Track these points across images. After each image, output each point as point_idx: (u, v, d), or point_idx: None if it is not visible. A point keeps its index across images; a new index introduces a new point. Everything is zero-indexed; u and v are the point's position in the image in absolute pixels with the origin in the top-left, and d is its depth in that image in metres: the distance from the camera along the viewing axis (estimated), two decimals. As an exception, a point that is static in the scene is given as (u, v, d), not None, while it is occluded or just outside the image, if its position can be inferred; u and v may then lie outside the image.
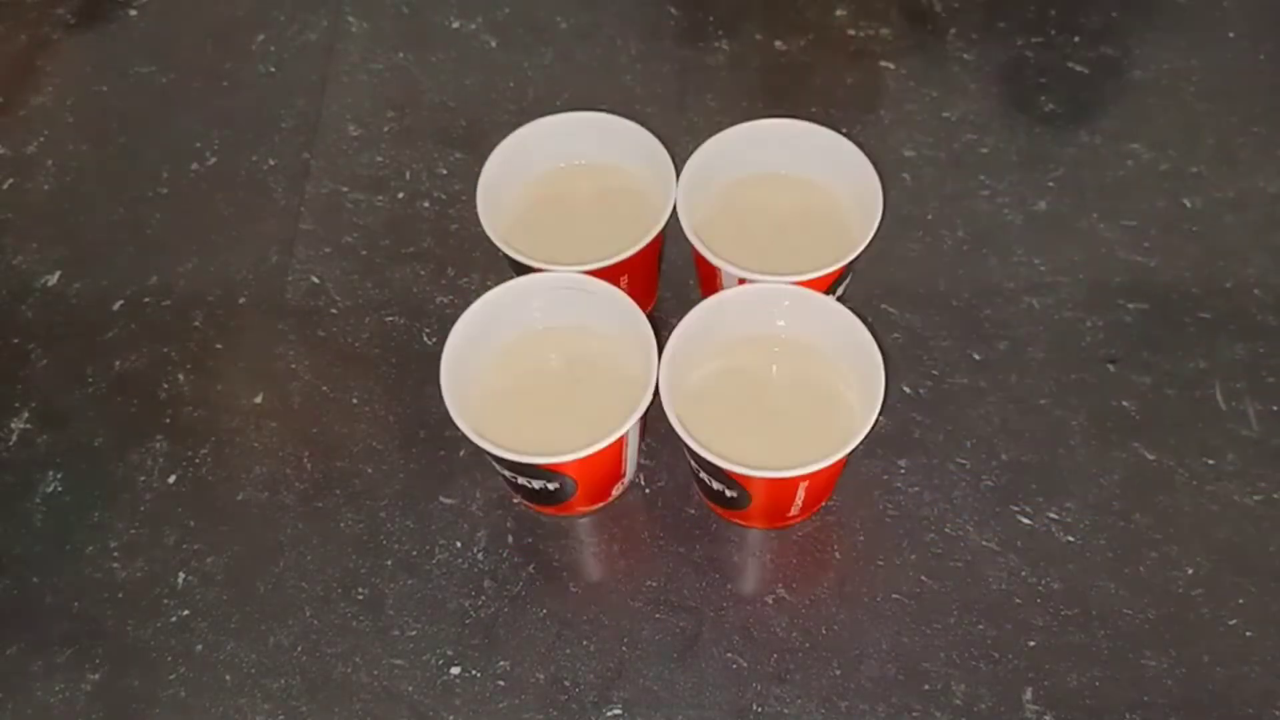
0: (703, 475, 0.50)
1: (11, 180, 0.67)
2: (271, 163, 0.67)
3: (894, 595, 0.51)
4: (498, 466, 0.50)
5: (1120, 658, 0.49)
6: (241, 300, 0.61)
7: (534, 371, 0.53)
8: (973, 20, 0.70)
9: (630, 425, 0.48)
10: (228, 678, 0.51)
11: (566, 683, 0.50)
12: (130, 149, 0.68)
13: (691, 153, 0.55)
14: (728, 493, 0.50)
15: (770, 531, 0.53)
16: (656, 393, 0.48)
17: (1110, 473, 0.54)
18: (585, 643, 0.51)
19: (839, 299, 0.55)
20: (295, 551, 0.53)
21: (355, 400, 0.58)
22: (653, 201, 0.56)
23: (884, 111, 0.66)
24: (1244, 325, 0.57)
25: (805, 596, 0.51)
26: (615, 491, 0.54)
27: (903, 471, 0.54)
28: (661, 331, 0.50)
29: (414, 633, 0.51)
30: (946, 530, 0.52)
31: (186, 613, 0.52)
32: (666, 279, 0.61)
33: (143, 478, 0.56)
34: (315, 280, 0.62)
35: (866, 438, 0.47)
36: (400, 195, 0.65)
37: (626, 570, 0.52)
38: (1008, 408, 0.56)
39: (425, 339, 0.59)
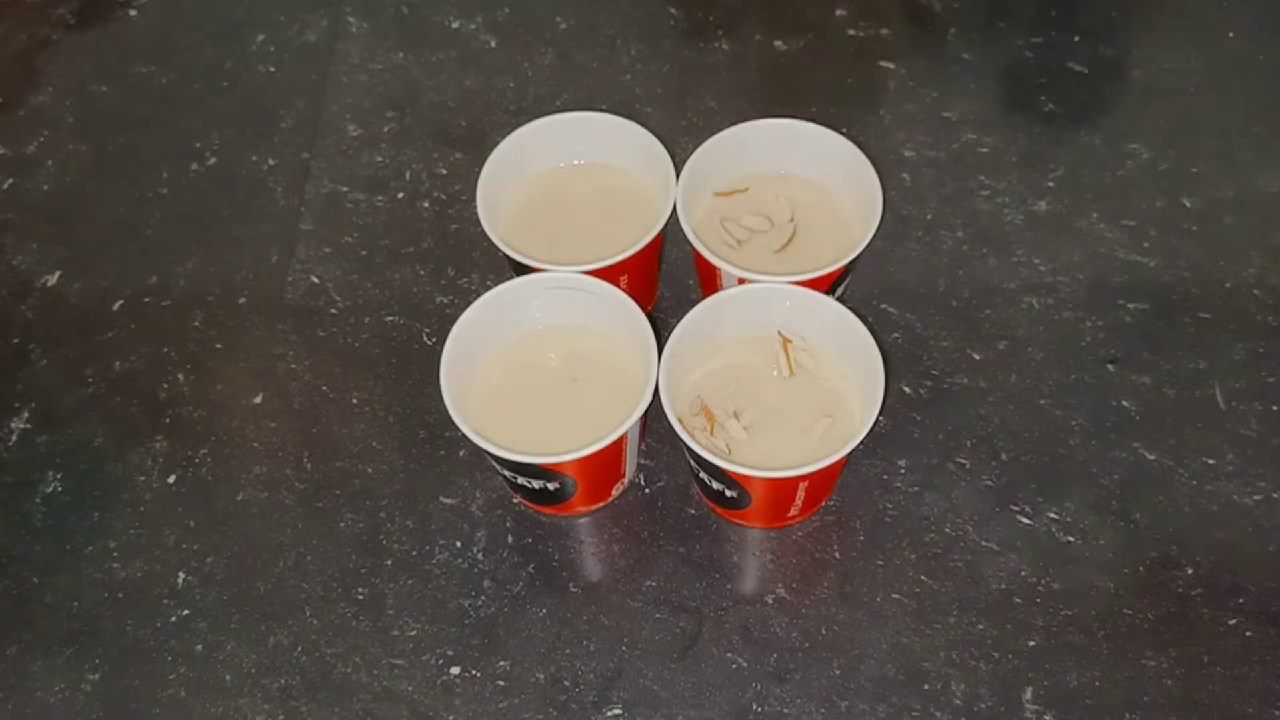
0: (703, 475, 0.50)
1: (11, 180, 0.67)
2: (271, 163, 0.67)
3: (894, 595, 0.51)
4: (498, 466, 0.50)
5: (1120, 658, 0.49)
6: (241, 300, 0.61)
7: (534, 371, 0.53)
8: (973, 20, 0.70)
9: (630, 425, 0.48)
10: (228, 678, 0.51)
11: (566, 683, 0.50)
12: (130, 149, 0.68)
13: (691, 153, 0.55)
14: (728, 493, 0.50)
15: (770, 531, 0.53)
16: (656, 393, 0.48)
17: (1110, 473, 0.54)
18: (585, 643, 0.51)
19: (839, 299, 0.55)
20: (295, 551, 0.54)
21: (355, 400, 0.58)
22: (653, 201, 0.56)
23: (884, 111, 0.66)
24: (1244, 325, 0.57)
25: (805, 596, 0.51)
26: (615, 491, 0.54)
27: (903, 471, 0.54)
28: (661, 331, 0.50)
29: (414, 633, 0.51)
30: (946, 530, 0.52)
31: (186, 613, 0.52)
32: (666, 279, 0.61)
33: (143, 478, 0.56)
34: (315, 280, 0.62)
35: (866, 438, 0.47)
36: (400, 195, 0.65)
37: (626, 570, 0.52)
38: (1008, 408, 0.56)
39: (425, 339, 0.59)
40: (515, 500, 0.54)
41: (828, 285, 0.53)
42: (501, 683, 0.50)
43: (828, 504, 0.53)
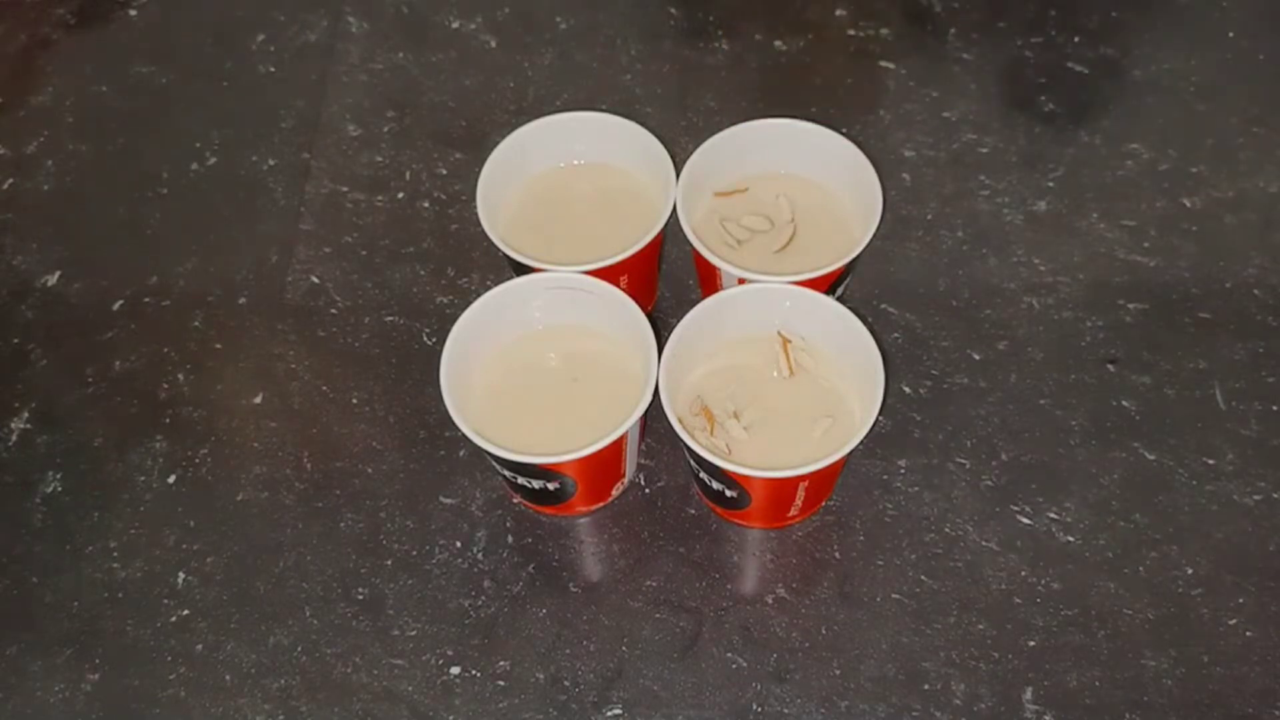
0: (703, 475, 0.50)
1: (11, 180, 0.67)
2: (271, 163, 0.67)
3: (894, 595, 0.51)
4: (498, 466, 0.50)
5: (1120, 658, 0.49)
6: (241, 300, 0.61)
7: (534, 371, 0.53)
8: (973, 20, 0.70)
9: (630, 425, 0.48)
10: (228, 678, 0.51)
11: (566, 683, 0.50)
12: (130, 149, 0.68)
13: (691, 153, 0.55)
14: (728, 493, 0.50)
15: (770, 531, 0.53)
16: (656, 393, 0.48)
17: (1110, 473, 0.54)
18: (585, 643, 0.51)
19: (839, 299, 0.55)
20: (295, 551, 0.54)
21: (355, 400, 0.58)
22: (653, 201, 0.56)
23: (884, 111, 0.66)
24: (1244, 325, 0.57)
25: (805, 596, 0.51)
26: (615, 491, 0.54)
27: (903, 471, 0.54)
28: (661, 331, 0.50)
29: (414, 633, 0.51)
30: (946, 530, 0.52)
31: (186, 613, 0.52)
32: (666, 279, 0.61)
33: (143, 478, 0.56)
34: (315, 280, 0.62)
35: (866, 438, 0.47)
36: (400, 195, 0.65)
37: (626, 570, 0.52)
38: (1008, 408, 0.56)
39: (425, 339, 0.59)
40: (515, 500, 0.54)
41: (828, 285, 0.53)
42: (501, 683, 0.50)
43: (828, 504, 0.53)
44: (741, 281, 0.52)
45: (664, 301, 0.60)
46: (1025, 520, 0.53)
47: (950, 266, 0.60)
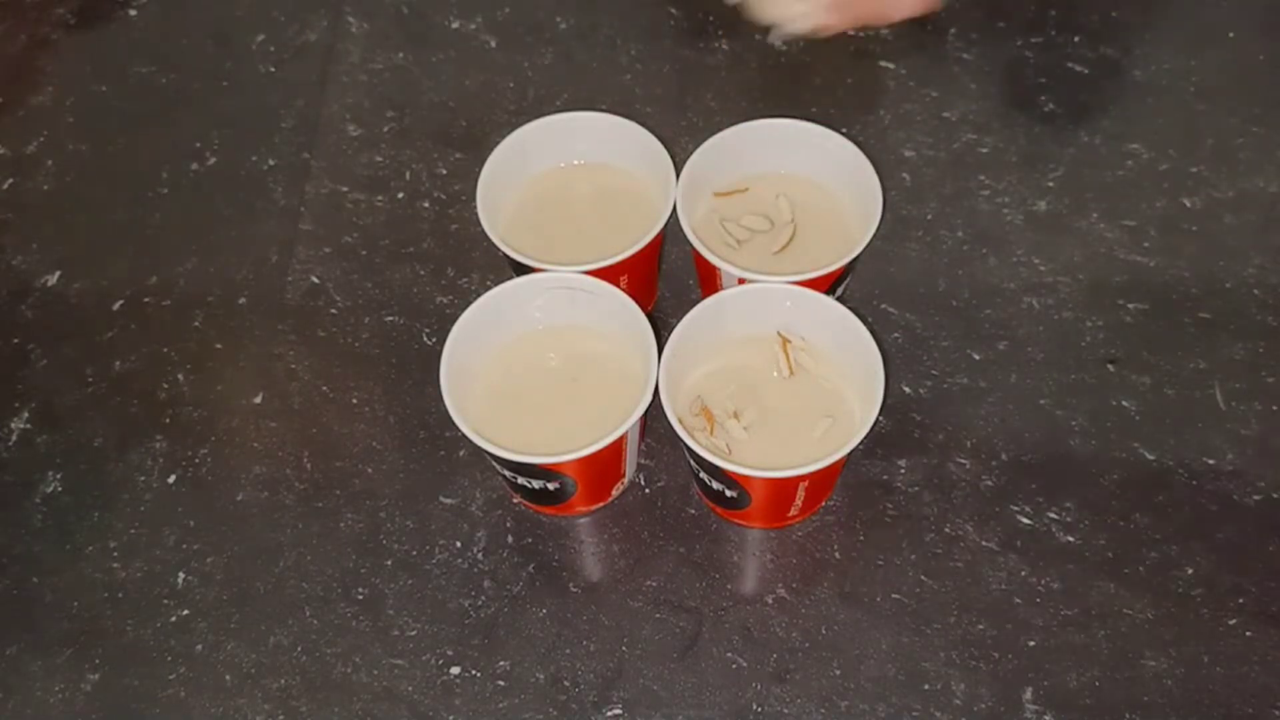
0: (703, 475, 0.50)
1: (11, 180, 0.67)
2: (271, 163, 0.67)
3: (894, 595, 0.51)
4: (498, 466, 0.50)
5: (1120, 658, 0.49)
6: (241, 300, 0.61)
7: (534, 371, 0.53)
8: (973, 20, 0.70)
9: (630, 425, 0.48)
10: (228, 678, 0.51)
11: (566, 683, 0.50)
12: (130, 149, 0.68)
13: (691, 153, 0.55)
14: (728, 493, 0.50)
15: (770, 531, 0.53)
16: (656, 393, 0.48)
17: (1110, 473, 0.54)
18: (585, 643, 0.51)
19: (839, 299, 0.55)
20: (295, 551, 0.54)
21: (355, 400, 0.58)
22: (653, 201, 0.56)
23: (884, 111, 0.66)
24: (1244, 325, 0.57)
25: (805, 596, 0.51)
26: (615, 491, 0.54)
27: (903, 471, 0.54)
28: (661, 331, 0.50)
29: (414, 633, 0.51)
30: (946, 530, 0.52)
31: (186, 613, 0.52)
32: (666, 279, 0.61)
33: (143, 478, 0.56)
34: (315, 280, 0.62)
35: (866, 438, 0.47)
36: (400, 195, 0.65)
37: (626, 570, 0.52)
38: (1008, 408, 0.56)
39: (425, 339, 0.59)
40: (515, 500, 0.54)
41: (828, 285, 0.53)
42: (501, 683, 0.50)
43: (828, 504, 0.53)
44: (741, 281, 0.52)
45: (664, 301, 0.60)
46: (1025, 520, 0.53)
47: (950, 266, 0.60)
